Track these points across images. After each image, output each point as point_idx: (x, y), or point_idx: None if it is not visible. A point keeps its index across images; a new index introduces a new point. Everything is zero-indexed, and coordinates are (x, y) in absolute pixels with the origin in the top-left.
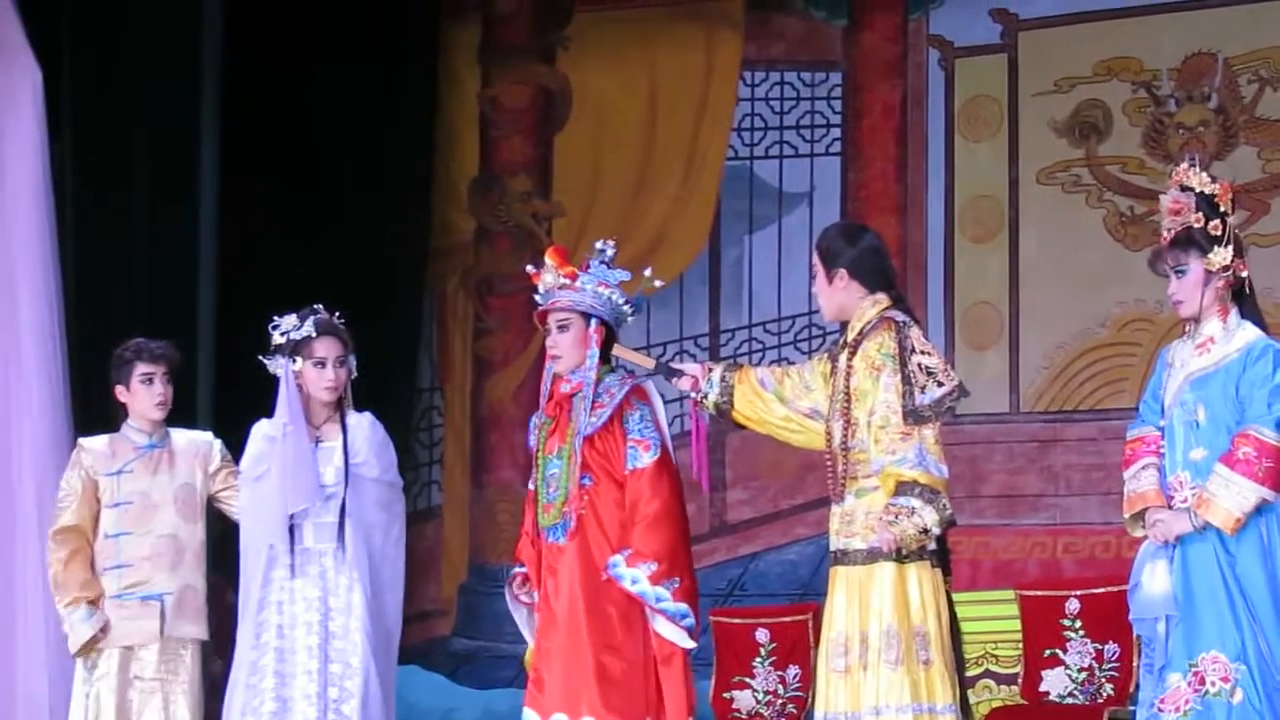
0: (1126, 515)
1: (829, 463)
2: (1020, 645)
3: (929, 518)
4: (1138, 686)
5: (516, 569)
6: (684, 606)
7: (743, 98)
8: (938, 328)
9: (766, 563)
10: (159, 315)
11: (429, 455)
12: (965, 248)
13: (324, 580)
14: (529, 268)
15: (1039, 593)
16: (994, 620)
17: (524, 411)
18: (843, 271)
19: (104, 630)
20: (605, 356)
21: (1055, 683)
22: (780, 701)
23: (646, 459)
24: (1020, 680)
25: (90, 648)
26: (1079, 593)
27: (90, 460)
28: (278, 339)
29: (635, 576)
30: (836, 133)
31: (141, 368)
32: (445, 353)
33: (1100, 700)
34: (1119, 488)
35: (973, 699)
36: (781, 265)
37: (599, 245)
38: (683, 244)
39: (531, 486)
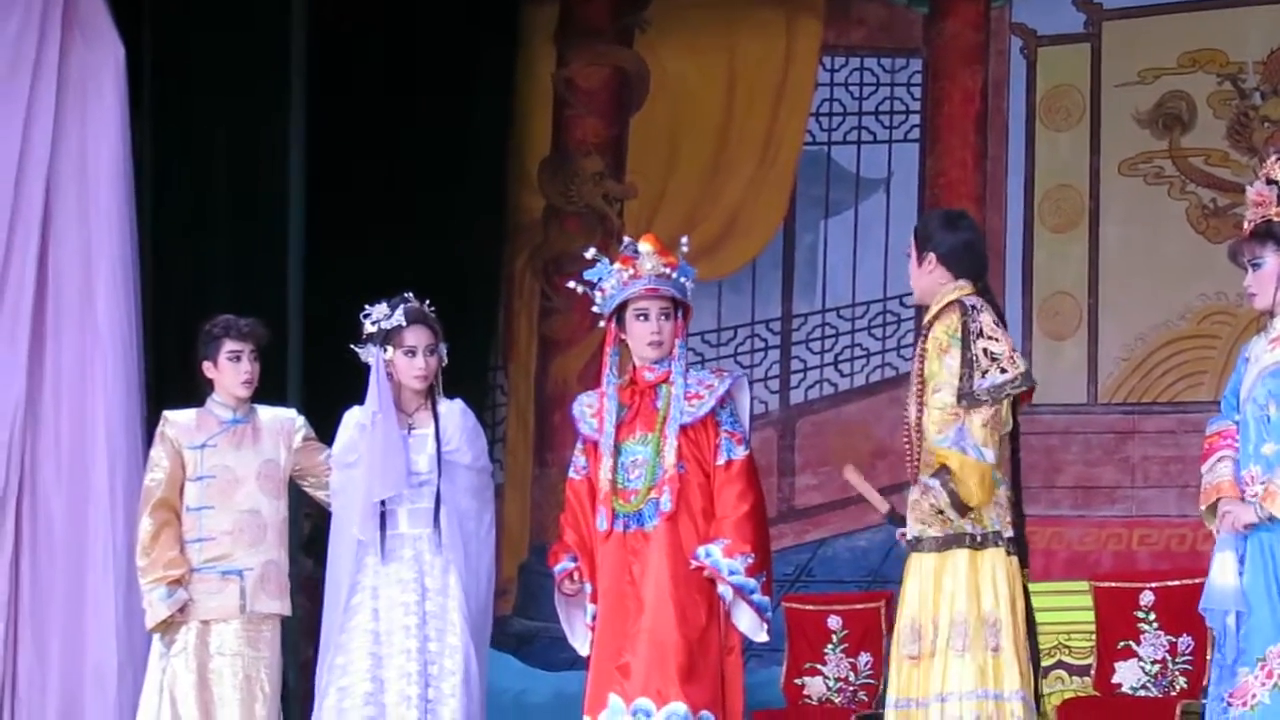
0: (1202, 508)
1: (907, 446)
2: (1093, 637)
3: (941, 499)
4: (1210, 680)
5: (566, 564)
6: (768, 600)
7: (822, 83)
8: (1015, 317)
9: (836, 549)
10: (244, 296)
11: (491, 434)
12: (1045, 237)
13: (419, 563)
14: (589, 252)
15: (1113, 584)
16: (1067, 611)
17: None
18: (931, 256)
19: (183, 611)
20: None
21: (1128, 675)
22: (851, 689)
23: (740, 452)
24: (1093, 672)
25: (166, 626)
26: (1154, 585)
27: (174, 433)
28: (369, 328)
29: (733, 567)
30: (915, 119)
31: (229, 345)
32: (510, 332)
33: (1173, 693)
34: (1196, 481)
35: (1044, 689)
36: (857, 251)
37: (682, 242)
38: (757, 228)
39: (575, 475)
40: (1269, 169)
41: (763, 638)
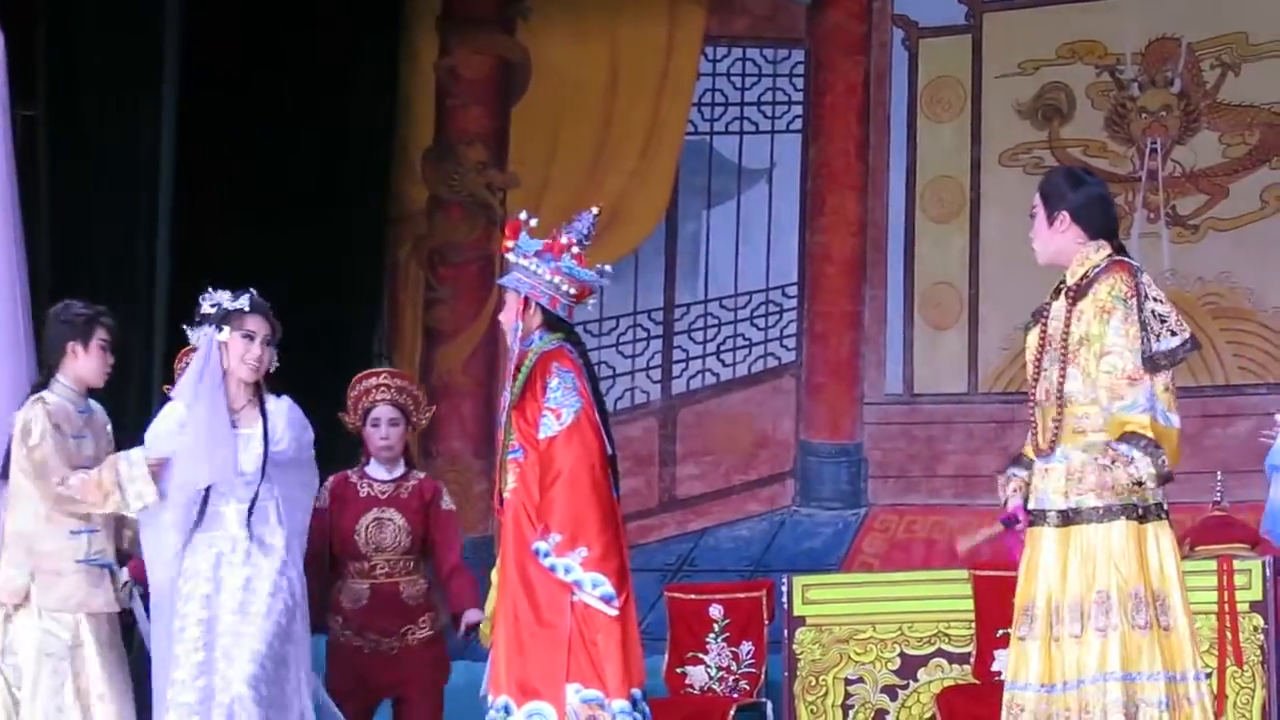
0: None
1: (1033, 414)
2: (973, 625)
3: (1144, 470)
4: None
5: None
6: (595, 575)
7: (704, 73)
8: (897, 307)
9: (718, 538)
10: (118, 284)
11: None
12: (926, 227)
13: (249, 561)
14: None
15: (992, 573)
16: (947, 600)
17: (474, 382)
18: (1064, 214)
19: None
20: (556, 326)
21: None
22: (734, 678)
23: (556, 427)
24: (972, 660)
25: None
26: None
27: (60, 420)
28: (206, 309)
29: (544, 549)
30: (798, 110)
31: (102, 333)
32: (395, 322)
33: None
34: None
35: (924, 678)
36: (739, 241)
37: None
38: (639, 218)
39: None
40: None
41: (610, 612)
